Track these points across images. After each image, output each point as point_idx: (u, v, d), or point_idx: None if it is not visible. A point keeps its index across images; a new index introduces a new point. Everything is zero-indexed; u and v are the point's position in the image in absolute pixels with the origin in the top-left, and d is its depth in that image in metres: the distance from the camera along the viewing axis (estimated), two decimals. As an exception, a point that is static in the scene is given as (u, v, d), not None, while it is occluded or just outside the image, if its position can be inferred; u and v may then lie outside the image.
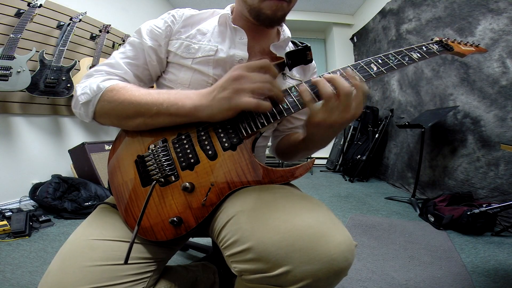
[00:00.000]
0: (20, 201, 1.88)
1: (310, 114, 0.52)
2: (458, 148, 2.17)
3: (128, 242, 0.49)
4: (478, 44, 0.72)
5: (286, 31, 0.71)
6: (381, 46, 3.51)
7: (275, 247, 0.38)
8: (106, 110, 0.55)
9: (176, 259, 1.25)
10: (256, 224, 0.41)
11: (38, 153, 2.09)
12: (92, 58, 2.32)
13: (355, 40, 4.34)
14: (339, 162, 3.78)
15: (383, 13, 3.43)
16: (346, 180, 3.25)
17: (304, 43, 0.68)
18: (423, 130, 2.16)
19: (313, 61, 0.74)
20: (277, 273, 0.37)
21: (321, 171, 3.87)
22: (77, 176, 2.13)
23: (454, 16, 2.25)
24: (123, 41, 2.76)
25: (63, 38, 2.04)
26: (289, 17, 0.65)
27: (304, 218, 0.40)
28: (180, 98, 0.51)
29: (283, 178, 0.50)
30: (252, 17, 0.61)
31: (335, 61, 4.48)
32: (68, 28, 2.09)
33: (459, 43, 0.69)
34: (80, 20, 2.18)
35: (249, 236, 0.40)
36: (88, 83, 0.56)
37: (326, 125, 0.50)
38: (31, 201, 1.87)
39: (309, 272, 0.37)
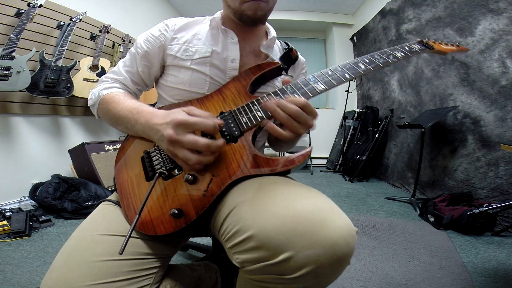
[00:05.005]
0: (20, 201, 1.88)
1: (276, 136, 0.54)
2: (458, 148, 2.17)
3: (133, 237, 0.50)
4: (459, 44, 0.78)
5: (272, 31, 0.76)
6: (381, 46, 3.51)
7: (276, 233, 0.38)
8: (102, 115, 0.68)
9: (176, 259, 1.25)
10: (257, 212, 0.41)
11: (38, 153, 2.09)
12: (92, 58, 2.32)
13: (355, 40, 4.34)
14: (339, 162, 3.78)
15: (383, 13, 3.44)
16: (346, 180, 3.25)
17: (288, 44, 0.77)
18: (423, 130, 2.16)
19: (300, 57, 0.81)
20: (278, 260, 0.37)
21: (321, 171, 3.88)
22: (77, 176, 2.13)
23: (454, 16, 2.25)
24: (123, 41, 2.76)
25: (63, 38, 2.04)
26: (289, 17, 0.67)
27: (304, 203, 0.41)
28: (136, 120, 0.57)
29: (282, 166, 0.51)
30: (236, 18, 0.67)
31: (335, 61, 4.48)
32: (68, 28, 2.09)
33: (440, 43, 0.75)
34: (80, 20, 2.18)
35: (250, 224, 0.40)
36: (96, 89, 0.69)
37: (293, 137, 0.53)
38: (31, 201, 1.86)
39: (311, 258, 0.36)
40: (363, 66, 0.59)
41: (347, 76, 0.58)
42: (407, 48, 0.67)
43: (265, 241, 0.38)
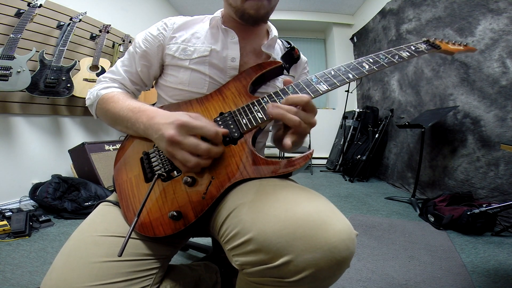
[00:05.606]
0: (20, 201, 1.88)
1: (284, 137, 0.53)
2: (458, 148, 2.17)
3: (132, 238, 0.50)
4: (466, 44, 0.75)
5: (273, 30, 0.74)
6: (381, 46, 3.51)
7: (276, 236, 0.37)
8: (100, 114, 0.68)
9: (176, 259, 1.25)
10: (257, 214, 0.41)
11: (38, 153, 2.09)
12: (92, 58, 2.32)
13: (355, 40, 4.34)
14: (339, 162, 3.78)
15: (383, 13, 3.43)
16: (346, 180, 3.25)
17: (290, 43, 0.75)
18: (423, 130, 2.16)
19: (302, 56, 0.79)
20: (278, 264, 0.37)
21: (321, 171, 3.87)
22: (77, 176, 2.13)
23: (454, 16, 2.25)
24: (123, 41, 2.76)
25: (63, 38, 2.04)
26: (289, 17, 0.67)
27: (304, 206, 0.40)
28: (137, 119, 0.56)
29: (283, 168, 0.50)
30: (238, 17, 0.66)
31: (335, 61, 4.47)
32: (68, 28, 2.09)
33: (447, 43, 0.72)
34: (80, 20, 2.18)
35: (250, 227, 0.40)
36: (94, 89, 0.68)
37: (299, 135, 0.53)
38: (31, 201, 1.86)
39: (310, 262, 0.36)
40: (367, 66, 0.57)
41: (351, 76, 0.56)
42: (413, 48, 0.64)
43: (265, 244, 0.38)
